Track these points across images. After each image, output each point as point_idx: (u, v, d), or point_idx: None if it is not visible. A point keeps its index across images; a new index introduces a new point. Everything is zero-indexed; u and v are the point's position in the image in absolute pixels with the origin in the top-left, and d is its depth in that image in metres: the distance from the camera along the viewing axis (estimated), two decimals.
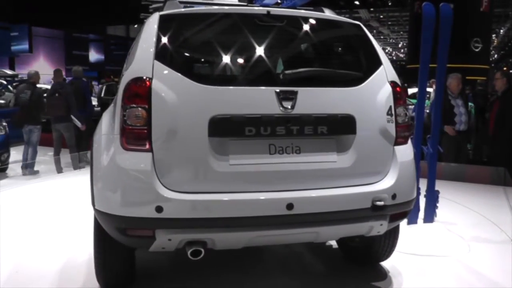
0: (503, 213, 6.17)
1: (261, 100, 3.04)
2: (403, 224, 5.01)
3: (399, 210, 3.32)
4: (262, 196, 2.98)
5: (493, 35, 39.61)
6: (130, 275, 3.70)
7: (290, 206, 2.96)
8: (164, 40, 3.13)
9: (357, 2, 31.46)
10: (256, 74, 3.21)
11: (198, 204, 2.89)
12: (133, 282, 3.76)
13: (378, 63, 3.42)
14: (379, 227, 3.27)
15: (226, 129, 2.98)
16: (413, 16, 24.02)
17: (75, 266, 4.20)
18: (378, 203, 3.14)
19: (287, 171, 3.05)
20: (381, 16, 39.98)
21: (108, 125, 3.24)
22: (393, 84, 3.38)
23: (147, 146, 2.91)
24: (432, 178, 5.26)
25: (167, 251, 3.10)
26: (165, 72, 3.00)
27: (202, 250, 2.97)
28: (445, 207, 5.86)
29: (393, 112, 3.32)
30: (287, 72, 3.20)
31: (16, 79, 18.64)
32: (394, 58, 65.97)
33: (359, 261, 4.23)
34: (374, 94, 3.31)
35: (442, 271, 4.24)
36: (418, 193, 5.09)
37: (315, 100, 3.15)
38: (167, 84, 2.96)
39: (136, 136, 2.92)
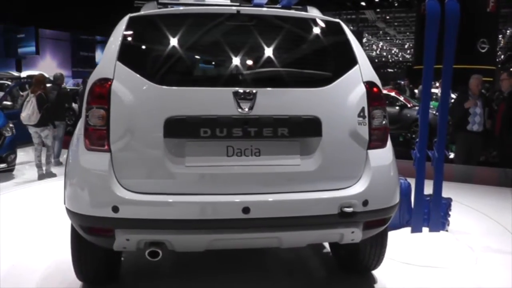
0: None
1: (218, 101, 3.00)
2: (406, 232, 4.94)
3: (373, 218, 3.17)
4: (217, 199, 2.94)
5: (500, 36, 39.42)
6: (110, 271, 3.75)
7: (246, 210, 2.90)
8: (128, 41, 3.17)
9: (363, 3, 31.37)
10: (216, 75, 3.20)
11: (154, 205, 2.90)
12: (114, 278, 3.84)
13: (353, 62, 3.27)
14: (351, 235, 3.13)
15: (181, 130, 2.97)
16: (419, 17, 24.00)
17: None
18: (347, 209, 3.00)
19: (244, 174, 3.00)
20: (388, 17, 39.88)
21: (80, 125, 3.27)
22: (368, 84, 3.22)
23: (106, 147, 2.96)
24: (438, 184, 4.99)
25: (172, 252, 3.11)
26: (126, 73, 3.03)
27: (160, 252, 2.98)
28: (457, 212, 5.65)
29: (366, 114, 3.16)
30: (246, 72, 3.15)
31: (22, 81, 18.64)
32: (401, 59, 65.83)
33: (349, 269, 4.10)
34: (345, 95, 3.17)
35: (440, 283, 4.03)
36: (427, 200, 5.01)
37: (276, 101, 3.07)
38: (126, 85, 3.00)
39: (96, 136, 2.98)
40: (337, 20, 3.51)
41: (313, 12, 3.73)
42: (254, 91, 3.01)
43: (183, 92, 3.03)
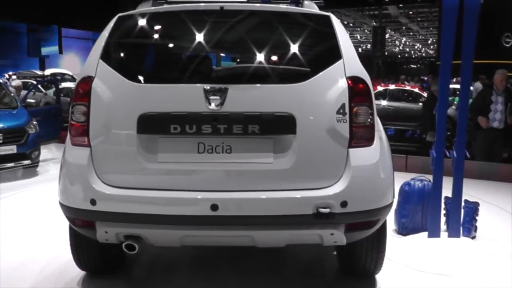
0: None
1: (188, 97, 3.02)
2: (423, 237, 4.69)
3: (355, 220, 3.03)
4: (186, 195, 2.97)
5: None
6: (110, 262, 3.85)
7: (214, 207, 2.90)
8: (112, 40, 3.26)
9: None
10: (189, 72, 3.20)
11: (127, 199, 2.99)
12: (115, 269, 3.94)
13: (336, 57, 3.12)
14: (331, 237, 3.03)
15: (153, 126, 3.03)
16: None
17: None
18: (323, 210, 2.90)
19: (214, 171, 3.00)
20: (410, 12, 39.40)
21: None
22: (352, 80, 3.06)
23: (86, 142, 3.09)
24: (458, 186, 4.62)
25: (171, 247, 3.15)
26: (106, 71, 3.14)
27: (135, 245, 3.07)
28: (482, 211, 5.21)
29: (346, 110, 3.00)
30: (217, 68, 3.16)
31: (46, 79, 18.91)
32: (424, 54, 65.10)
33: (349, 272, 3.94)
34: (323, 91, 3.03)
35: None
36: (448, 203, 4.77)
37: (248, 97, 3.02)
38: (106, 83, 3.11)
39: (78, 132, 3.12)
40: (327, 14, 3.37)
41: (310, 7, 3.64)
42: (225, 87, 3.00)
43: (156, 89, 3.09)
